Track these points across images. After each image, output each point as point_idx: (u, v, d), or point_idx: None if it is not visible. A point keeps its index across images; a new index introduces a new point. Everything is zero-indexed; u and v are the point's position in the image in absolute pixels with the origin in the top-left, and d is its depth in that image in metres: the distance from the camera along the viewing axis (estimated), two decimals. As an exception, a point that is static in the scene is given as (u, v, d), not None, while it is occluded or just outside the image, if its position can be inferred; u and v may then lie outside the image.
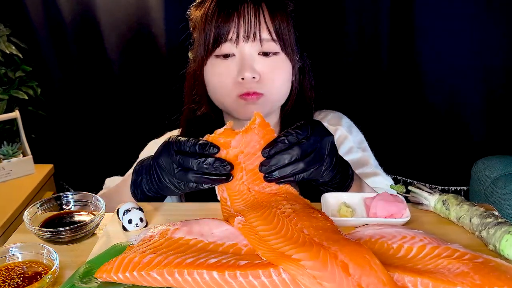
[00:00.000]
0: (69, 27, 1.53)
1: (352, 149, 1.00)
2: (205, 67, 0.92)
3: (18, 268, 0.62)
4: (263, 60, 0.90)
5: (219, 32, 0.88)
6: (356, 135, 1.03)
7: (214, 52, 0.90)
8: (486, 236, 0.64)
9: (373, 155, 1.02)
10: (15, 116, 1.48)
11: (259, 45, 0.88)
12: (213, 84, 0.92)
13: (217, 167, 0.69)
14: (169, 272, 0.55)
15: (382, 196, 0.71)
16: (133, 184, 0.81)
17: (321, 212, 0.66)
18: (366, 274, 0.52)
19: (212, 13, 0.88)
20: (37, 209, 0.75)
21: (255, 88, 0.89)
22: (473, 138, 1.46)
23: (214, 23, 0.87)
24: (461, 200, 0.70)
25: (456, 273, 0.55)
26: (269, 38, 0.88)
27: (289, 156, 0.69)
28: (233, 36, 0.87)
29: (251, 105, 0.90)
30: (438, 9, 1.34)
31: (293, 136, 0.70)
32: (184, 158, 0.70)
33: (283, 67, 0.92)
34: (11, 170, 1.47)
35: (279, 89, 0.93)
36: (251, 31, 0.87)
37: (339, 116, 1.06)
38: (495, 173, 1.28)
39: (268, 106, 0.93)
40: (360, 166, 0.97)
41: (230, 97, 0.91)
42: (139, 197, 0.81)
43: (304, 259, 0.54)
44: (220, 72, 0.90)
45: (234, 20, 0.87)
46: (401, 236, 0.62)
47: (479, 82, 1.40)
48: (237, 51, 0.89)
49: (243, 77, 0.88)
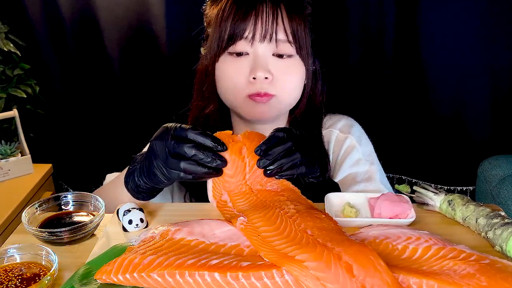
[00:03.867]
0: (68, 24, 1.52)
1: (359, 161, 0.97)
2: (217, 63, 0.91)
3: (16, 269, 0.62)
4: (277, 61, 0.88)
5: (235, 30, 0.86)
6: (366, 146, 1.00)
7: (228, 49, 0.89)
8: (493, 237, 0.64)
9: (381, 167, 1.00)
10: (13, 114, 1.47)
11: (274, 46, 0.87)
12: (224, 81, 0.91)
13: (213, 159, 0.69)
14: (170, 273, 0.55)
15: (387, 196, 0.71)
16: (127, 172, 0.80)
17: (325, 213, 0.66)
18: (370, 275, 0.52)
19: (229, 10, 0.87)
20: (36, 210, 0.74)
21: (266, 89, 0.88)
22: (479, 138, 1.45)
23: (231, 20, 0.86)
24: (467, 200, 0.70)
25: (462, 274, 0.55)
26: (285, 39, 0.87)
27: (282, 147, 0.71)
28: (249, 35, 0.86)
29: (260, 106, 0.89)
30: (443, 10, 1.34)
31: (279, 131, 0.73)
32: (179, 144, 0.70)
33: (297, 70, 0.90)
34: (9, 170, 1.46)
35: (291, 91, 0.92)
36: (268, 32, 0.86)
37: (351, 124, 1.03)
38: (501, 172, 1.27)
39: (278, 108, 0.92)
40: (364, 180, 0.95)
41: (239, 96, 0.90)
42: (130, 186, 0.79)
43: (307, 260, 0.53)
44: (232, 70, 0.89)
45: (251, 19, 0.86)
46: (406, 237, 0.62)
47: (485, 81, 1.39)
48: (251, 50, 0.88)
49: (255, 77, 0.87)
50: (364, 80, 1.48)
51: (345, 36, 1.43)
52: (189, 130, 0.71)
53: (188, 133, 0.70)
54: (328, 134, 1.01)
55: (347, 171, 0.96)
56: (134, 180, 0.78)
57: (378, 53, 1.44)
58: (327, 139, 1.00)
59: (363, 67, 1.47)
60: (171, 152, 0.71)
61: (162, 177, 0.74)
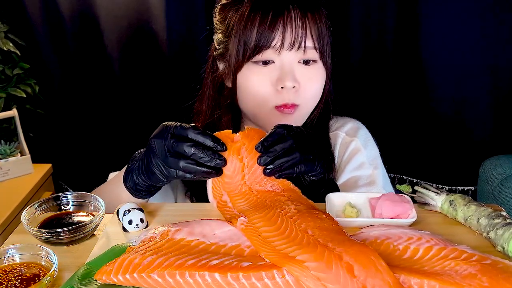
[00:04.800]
0: (68, 23, 1.52)
1: (363, 164, 0.96)
2: (240, 73, 0.87)
3: (16, 269, 0.62)
4: (303, 68, 0.86)
5: (262, 39, 0.83)
6: (371, 150, 0.99)
7: (253, 58, 0.85)
8: (494, 237, 0.63)
9: (385, 172, 0.99)
10: (13, 114, 1.47)
11: (301, 53, 0.85)
12: (248, 91, 0.87)
13: (213, 158, 0.69)
14: (170, 274, 0.55)
15: (388, 196, 0.70)
16: (126, 171, 0.79)
17: (326, 213, 0.66)
18: (371, 276, 0.52)
19: (254, 16, 0.83)
20: (35, 210, 0.74)
21: (294, 100, 0.85)
22: (480, 137, 1.45)
23: (257, 28, 0.82)
24: (468, 200, 0.70)
25: (464, 275, 0.54)
26: (312, 46, 0.85)
27: (283, 145, 0.70)
28: (277, 44, 0.83)
29: (287, 117, 0.87)
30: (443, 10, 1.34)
31: (280, 128, 0.71)
32: (179, 143, 0.69)
33: (320, 75, 0.89)
34: (8, 170, 1.46)
35: (313, 99, 0.90)
36: (297, 40, 0.83)
37: (357, 127, 1.01)
38: (503, 172, 1.27)
39: (302, 117, 0.90)
40: (366, 184, 0.94)
41: (265, 107, 0.87)
42: (128, 184, 0.78)
43: (308, 261, 0.53)
44: (258, 80, 0.86)
45: (279, 27, 0.82)
46: (407, 237, 0.61)
47: (485, 81, 1.40)
48: (279, 58, 0.85)
49: (283, 86, 0.84)
50: (365, 80, 1.48)
51: (346, 35, 1.43)
52: (189, 129, 0.70)
53: (188, 132, 0.70)
54: (334, 137, 0.99)
55: (350, 174, 0.95)
56: (133, 178, 0.78)
57: (379, 53, 1.45)
58: (333, 142, 0.99)
59: (364, 67, 1.47)
60: (170, 150, 0.70)
61: (160, 175, 0.73)
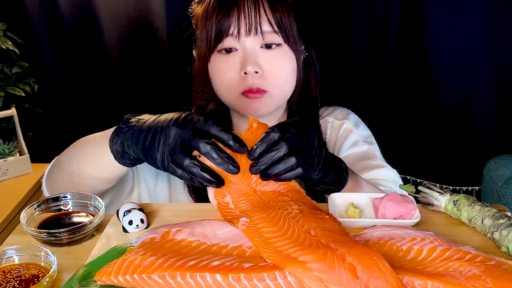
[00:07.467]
0: (67, 21, 1.52)
1: (357, 142, 0.99)
2: (209, 63, 0.92)
3: (14, 270, 0.61)
4: (266, 53, 0.89)
5: (220, 27, 0.88)
6: (363, 130, 1.02)
7: (217, 47, 0.90)
8: (499, 238, 0.63)
9: (379, 150, 1.01)
10: (12, 113, 1.46)
11: (261, 38, 0.88)
12: (217, 79, 0.92)
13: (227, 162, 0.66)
14: (171, 275, 0.54)
15: (391, 196, 0.70)
16: (116, 130, 0.76)
17: (329, 213, 0.65)
18: (374, 277, 0.51)
19: (213, 8, 0.88)
20: (35, 210, 0.74)
21: (258, 85, 0.89)
22: (485, 137, 1.45)
23: (215, 18, 0.88)
24: (472, 201, 0.69)
25: (468, 276, 0.54)
26: (271, 30, 0.88)
27: (276, 152, 0.67)
28: (234, 31, 0.87)
29: (254, 102, 0.90)
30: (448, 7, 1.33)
31: (275, 132, 0.68)
32: (196, 138, 0.66)
33: (287, 59, 0.91)
34: (7, 170, 1.46)
35: (283, 83, 0.92)
36: (252, 25, 0.87)
37: (347, 112, 1.05)
38: (507, 172, 1.27)
39: (273, 103, 0.92)
40: (365, 158, 0.96)
41: (233, 94, 0.91)
42: (115, 148, 0.75)
43: (310, 262, 0.53)
44: (223, 68, 0.90)
45: (234, 14, 0.87)
46: (411, 237, 0.61)
47: (490, 80, 1.39)
48: (239, 45, 0.89)
49: (246, 71, 0.88)
50: (369, 78, 1.48)
51: (349, 33, 1.43)
52: (213, 125, 0.68)
53: (210, 128, 0.68)
54: (324, 123, 1.02)
55: (346, 152, 0.97)
56: (123, 145, 0.74)
57: (383, 52, 1.44)
58: (323, 128, 1.02)
59: (368, 65, 1.47)
60: (185, 143, 0.67)
61: (160, 163, 0.70)
